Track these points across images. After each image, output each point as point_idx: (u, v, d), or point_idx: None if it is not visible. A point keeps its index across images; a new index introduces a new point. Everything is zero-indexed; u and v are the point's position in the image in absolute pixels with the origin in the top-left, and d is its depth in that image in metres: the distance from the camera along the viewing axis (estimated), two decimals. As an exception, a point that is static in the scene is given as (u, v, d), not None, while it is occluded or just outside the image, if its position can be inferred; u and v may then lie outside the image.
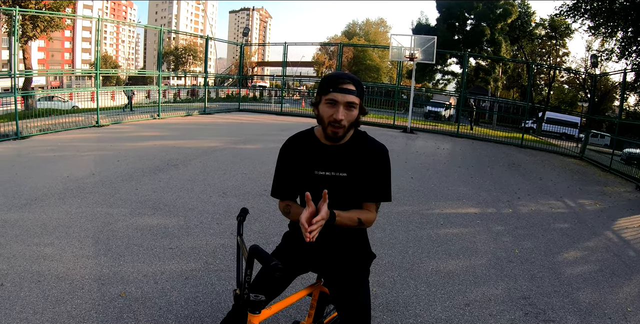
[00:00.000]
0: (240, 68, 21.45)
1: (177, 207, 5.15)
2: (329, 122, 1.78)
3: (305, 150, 1.94)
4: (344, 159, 1.89)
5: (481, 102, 30.57)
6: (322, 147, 1.91)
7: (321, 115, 1.81)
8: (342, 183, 1.89)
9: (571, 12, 14.83)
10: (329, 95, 1.76)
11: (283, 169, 2.00)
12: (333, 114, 1.76)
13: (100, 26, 12.09)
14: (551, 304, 3.46)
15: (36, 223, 4.31)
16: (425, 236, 4.88)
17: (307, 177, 1.93)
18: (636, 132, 16.63)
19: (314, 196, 1.76)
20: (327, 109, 1.78)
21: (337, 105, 1.75)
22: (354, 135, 1.93)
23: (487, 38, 34.88)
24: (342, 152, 1.90)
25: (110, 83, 50.93)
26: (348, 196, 1.91)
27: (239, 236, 1.79)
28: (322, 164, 1.90)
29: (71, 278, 3.23)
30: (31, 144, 8.78)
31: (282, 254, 2.08)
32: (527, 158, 12.51)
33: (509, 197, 7.06)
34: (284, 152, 2.00)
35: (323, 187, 1.77)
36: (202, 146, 9.49)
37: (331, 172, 1.89)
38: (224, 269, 3.59)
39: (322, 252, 2.01)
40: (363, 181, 1.90)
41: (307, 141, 1.96)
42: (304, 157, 1.93)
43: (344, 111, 1.76)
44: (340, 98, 1.74)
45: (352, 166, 1.89)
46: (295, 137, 2.00)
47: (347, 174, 1.89)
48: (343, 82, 1.75)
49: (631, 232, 5.86)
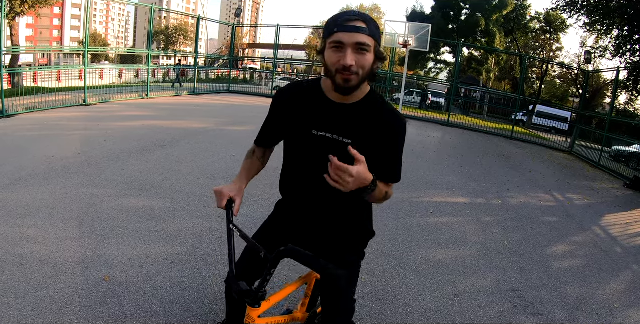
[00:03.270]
0: (231, 49, 21.17)
1: (164, 189, 5.05)
2: (336, 70, 1.41)
3: (305, 103, 1.60)
4: (351, 122, 1.55)
5: (472, 92, 30.58)
6: (327, 103, 1.57)
7: (327, 62, 1.44)
8: (343, 150, 1.42)
9: (567, 7, 14.78)
10: (334, 36, 1.39)
11: (273, 120, 1.71)
12: (340, 59, 1.39)
13: (90, 3, 11.82)
14: (540, 298, 3.46)
15: (19, 204, 4.19)
16: (415, 224, 4.85)
17: (302, 137, 1.61)
18: (625, 130, 16.74)
19: (309, 160, 1.60)
20: (333, 54, 1.41)
21: (345, 48, 1.38)
22: (368, 95, 1.58)
23: (482, 29, 34.80)
24: (350, 113, 1.55)
25: (99, 62, 50.12)
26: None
27: (231, 224, 1.56)
28: (323, 123, 1.57)
29: (54, 261, 3.13)
30: (17, 122, 8.57)
31: (274, 226, 1.87)
32: (517, 150, 12.56)
33: (498, 188, 7.06)
34: (278, 100, 1.67)
35: (320, 151, 1.52)
36: (190, 127, 9.36)
37: (332, 135, 1.56)
38: (211, 253, 3.52)
39: (317, 228, 1.78)
40: (370, 153, 1.46)
41: (310, 92, 1.61)
42: (302, 111, 1.60)
43: (354, 55, 1.38)
44: (347, 39, 1.36)
45: (359, 131, 1.54)
46: (297, 85, 1.67)
47: (352, 141, 1.54)
48: (350, 19, 1.38)
49: (618, 229, 5.90)
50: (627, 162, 13.02)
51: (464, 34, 35.56)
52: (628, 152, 13.59)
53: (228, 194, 1.65)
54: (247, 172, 1.79)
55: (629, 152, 13.49)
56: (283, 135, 1.72)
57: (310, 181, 1.65)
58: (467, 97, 25.11)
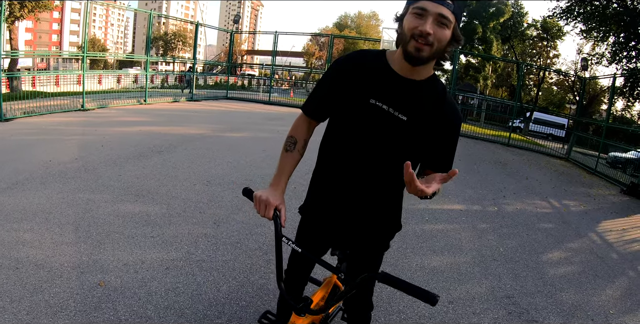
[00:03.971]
0: (229, 56, 21.24)
1: (160, 194, 5.06)
2: (412, 35, 1.37)
3: (367, 71, 1.54)
4: (411, 98, 1.50)
5: (470, 99, 30.71)
6: (390, 75, 1.51)
7: (404, 28, 1.40)
8: (396, 126, 1.50)
9: (564, 14, 14.86)
10: (419, 3, 1.36)
11: (330, 85, 1.61)
12: (419, 25, 1.35)
13: (89, 8, 11.86)
14: (534, 304, 3.47)
15: (16, 208, 4.19)
16: (410, 231, 4.86)
17: (358, 104, 1.54)
18: (622, 136, 16.83)
19: (358, 129, 1.55)
20: (413, 19, 1.37)
21: (427, 16, 1.35)
22: (433, 77, 1.55)
23: (479, 36, 35.04)
24: (412, 89, 1.50)
25: (97, 67, 50.14)
26: (399, 144, 1.54)
27: (284, 237, 1.51)
28: (383, 93, 1.51)
29: (50, 266, 3.14)
30: (15, 126, 8.57)
31: (310, 233, 1.84)
32: (514, 157, 12.59)
33: (494, 195, 7.08)
34: (339, 68, 1.60)
35: (373, 123, 1.51)
36: (188, 133, 9.36)
37: (389, 108, 1.50)
38: (206, 259, 3.53)
39: (353, 207, 1.69)
40: (422, 136, 1.52)
41: (374, 61, 1.55)
42: (363, 79, 1.53)
43: (434, 25, 1.35)
44: (432, 7, 1.34)
45: (418, 111, 1.50)
46: (360, 53, 1.61)
47: (407, 118, 1.50)
48: None
49: (614, 235, 5.92)
50: (623, 168, 13.09)
51: (461, 41, 35.74)
52: (625, 158, 13.65)
53: (274, 203, 1.54)
54: (288, 170, 1.67)
55: (626, 159, 13.56)
56: (337, 104, 1.61)
57: (355, 152, 1.60)
58: (464, 105, 25.19)
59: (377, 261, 1.85)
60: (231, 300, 2.95)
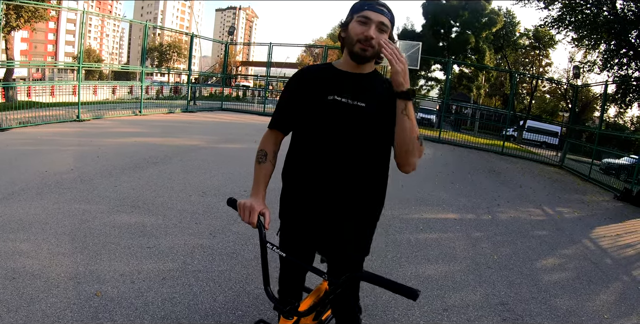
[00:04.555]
0: (224, 67, 21.30)
1: (155, 205, 5.07)
2: (358, 39, 1.65)
3: (320, 76, 1.79)
4: (363, 88, 1.74)
5: (463, 109, 30.88)
6: (341, 74, 1.77)
7: (350, 33, 1.68)
8: (357, 114, 1.70)
9: (555, 23, 15.03)
10: (363, 12, 1.65)
11: (290, 96, 1.82)
12: (364, 31, 1.64)
13: (85, 19, 11.91)
14: (529, 311, 3.50)
15: (12, 218, 4.20)
16: (405, 240, 4.89)
17: (318, 103, 1.74)
18: (615, 143, 16.98)
19: (323, 125, 1.72)
20: (358, 26, 1.65)
21: (370, 23, 1.64)
22: (375, 71, 1.82)
23: (472, 46, 35.35)
24: (362, 81, 1.75)
25: (92, 77, 50.16)
26: (362, 129, 1.72)
27: (268, 243, 1.57)
28: (338, 88, 1.73)
29: (46, 276, 3.15)
30: (10, 136, 8.58)
31: (292, 236, 1.93)
32: (508, 166, 12.66)
33: (488, 203, 7.13)
34: (295, 79, 1.84)
35: (335, 116, 1.70)
36: (183, 144, 9.39)
37: (347, 99, 1.71)
38: (202, 269, 3.54)
39: (333, 201, 1.79)
40: (381, 118, 1.71)
41: (323, 69, 1.81)
42: (318, 82, 1.77)
43: (376, 31, 1.64)
44: (374, 16, 1.63)
45: (371, 96, 1.72)
46: (312, 66, 1.88)
47: (365, 104, 1.71)
48: (378, 3, 1.67)
49: (608, 240, 5.97)
50: (617, 174, 13.19)
51: (454, 51, 36.11)
52: (618, 164, 13.76)
53: (258, 208, 1.62)
54: (264, 180, 1.79)
55: (619, 165, 13.66)
56: (299, 109, 1.79)
57: (326, 149, 1.74)
58: (458, 114, 25.33)
59: (359, 262, 1.91)
60: (227, 310, 2.96)
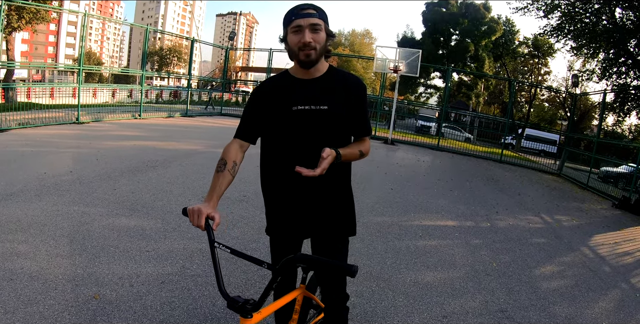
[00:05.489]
0: (224, 72, 21.34)
1: (155, 209, 5.07)
2: (298, 48, 1.76)
3: (280, 88, 1.88)
4: (322, 92, 1.85)
5: (462, 116, 30.95)
6: (299, 82, 1.87)
7: (290, 45, 1.79)
8: (323, 117, 1.83)
9: (555, 32, 15.06)
10: (293, 23, 1.74)
11: (254, 108, 1.90)
12: (300, 39, 1.74)
13: (86, 21, 11.94)
14: (528, 318, 3.49)
15: (10, 219, 4.19)
16: (404, 247, 4.88)
17: (284, 115, 1.84)
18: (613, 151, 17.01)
19: (292, 134, 1.82)
20: (294, 36, 1.76)
21: (303, 30, 1.73)
22: (330, 69, 1.91)
23: (471, 54, 35.54)
24: (319, 85, 1.86)
25: (92, 80, 50.19)
26: (330, 130, 1.86)
27: (215, 242, 1.64)
28: (300, 98, 1.83)
29: (45, 278, 3.14)
30: (9, 137, 8.57)
31: (282, 244, 2.07)
32: (506, 173, 12.68)
33: (487, 211, 7.13)
34: (257, 92, 1.93)
35: (302, 124, 1.81)
36: (182, 148, 9.40)
37: (310, 106, 1.82)
38: (201, 274, 3.53)
39: (311, 201, 1.93)
40: (344, 113, 1.86)
41: (281, 79, 1.91)
42: (280, 94, 1.86)
43: (310, 34, 1.73)
44: (304, 22, 1.73)
45: (331, 97, 1.85)
46: (269, 79, 1.98)
47: (328, 106, 1.83)
48: (303, 8, 1.74)
49: (607, 248, 5.97)
50: (615, 182, 13.19)
51: (453, 59, 36.29)
52: (616, 172, 13.76)
53: (206, 212, 1.64)
54: (219, 188, 1.77)
55: (617, 173, 13.67)
56: (264, 120, 1.89)
57: (299, 153, 1.84)
58: (457, 122, 25.40)
59: (343, 249, 2.05)
60: (227, 314, 2.95)
